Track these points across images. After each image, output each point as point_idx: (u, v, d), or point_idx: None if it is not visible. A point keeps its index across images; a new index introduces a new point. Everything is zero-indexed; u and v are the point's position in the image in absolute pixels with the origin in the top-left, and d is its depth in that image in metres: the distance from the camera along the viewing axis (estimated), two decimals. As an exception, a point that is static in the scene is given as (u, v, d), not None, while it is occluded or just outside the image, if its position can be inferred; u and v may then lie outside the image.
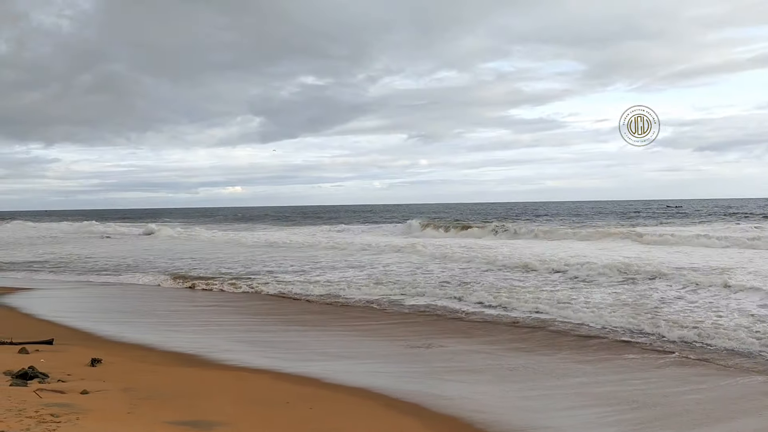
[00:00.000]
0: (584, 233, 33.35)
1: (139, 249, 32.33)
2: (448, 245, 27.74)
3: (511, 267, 18.12)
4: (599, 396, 7.13)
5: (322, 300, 14.56)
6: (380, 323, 11.88)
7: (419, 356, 9.24)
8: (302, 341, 10.42)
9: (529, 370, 8.29)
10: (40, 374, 7.17)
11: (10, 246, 36.64)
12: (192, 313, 13.43)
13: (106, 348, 9.33)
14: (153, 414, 6.07)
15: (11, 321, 11.84)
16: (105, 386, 6.96)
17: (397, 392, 7.35)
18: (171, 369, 8.22)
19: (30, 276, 20.75)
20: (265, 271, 20.30)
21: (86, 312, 13.24)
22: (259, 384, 7.60)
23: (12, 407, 5.79)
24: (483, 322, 11.64)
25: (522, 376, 8.03)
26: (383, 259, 23.04)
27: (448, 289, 14.98)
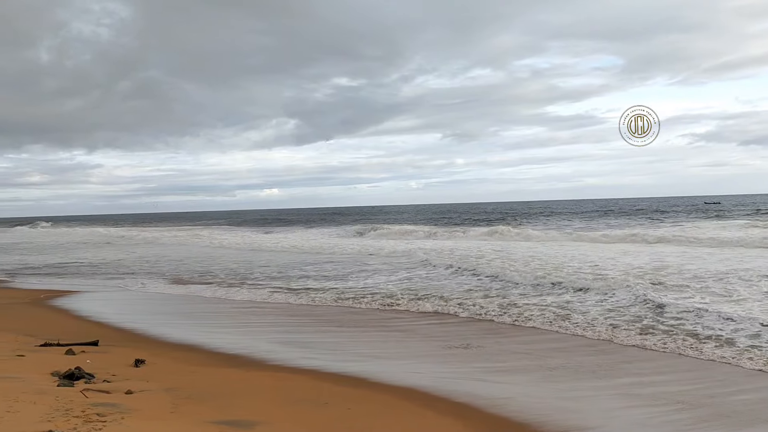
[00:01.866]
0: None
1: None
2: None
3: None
4: (644, 397, 6.97)
5: (356, 303, 14.58)
6: (414, 324, 11.85)
7: (457, 356, 9.18)
8: (339, 342, 10.45)
9: (570, 371, 8.15)
10: (86, 375, 7.34)
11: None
12: (231, 314, 13.60)
13: (149, 349, 9.51)
14: (195, 413, 6.15)
15: (59, 323, 12.16)
16: (148, 386, 7.09)
17: (436, 392, 7.31)
18: (212, 369, 8.33)
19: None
20: (301, 275, 20.45)
21: (130, 314, 13.51)
22: (297, 384, 7.64)
23: (60, 407, 5.94)
24: (512, 325, 11.47)
25: (563, 377, 7.90)
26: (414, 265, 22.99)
27: (474, 294, 14.84)
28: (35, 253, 36.99)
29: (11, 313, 13.38)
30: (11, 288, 18.93)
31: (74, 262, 28.62)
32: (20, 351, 8.93)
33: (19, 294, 17.20)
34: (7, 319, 12.31)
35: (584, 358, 8.75)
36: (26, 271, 24.95)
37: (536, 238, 33.12)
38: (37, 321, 12.33)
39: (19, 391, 6.45)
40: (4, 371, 7.43)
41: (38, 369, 7.71)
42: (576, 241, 29.96)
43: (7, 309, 13.98)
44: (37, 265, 27.74)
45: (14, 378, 7.12)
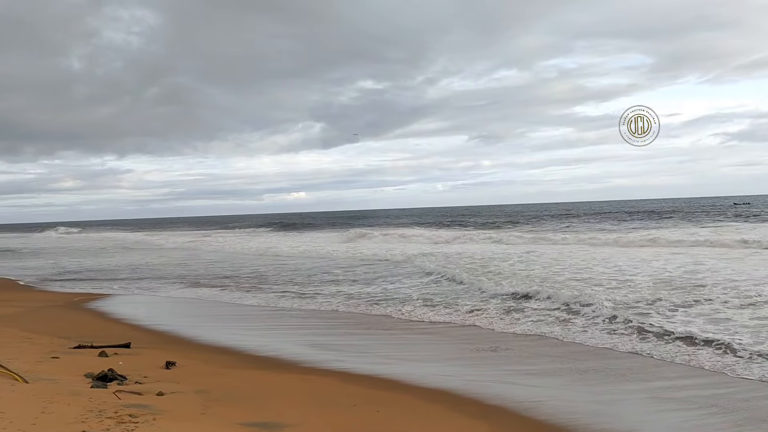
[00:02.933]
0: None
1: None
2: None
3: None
4: (678, 400, 6.84)
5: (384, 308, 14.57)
6: (442, 327, 11.80)
7: (486, 359, 9.11)
8: (367, 344, 10.46)
9: (601, 374, 8.04)
10: (119, 376, 7.46)
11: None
12: (259, 317, 13.71)
13: (179, 351, 9.63)
14: (225, 415, 6.21)
15: (92, 325, 12.39)
16: (179, 388, 7.17)
17: (466, 395, 7.27)
18: (241, 372, 8.41)
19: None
20: (329, 280, 20.52)
21: (160, 317, 13.70)
22: (326, 386, 7.67)
23: (93, 408, 6.04)
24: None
25: (595, 380, 7.80)
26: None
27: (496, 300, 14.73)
28: (68, 256, 37.76)
29: (47, 315, 13.67)
30: (46, 291, 19.35)
31: (105, 267, 29.12)
32: (55, 353, 9.12)
33: (53, 297, 17.57)
34: (43, 322, 12.58)
35: (614, 362, 8.61)
36: (62, 275, 25.46)
37: (562, 242, 32.63)
38: (72, 323, 12.58)
39: (54, 392, 6.58)
40: (40, 373, 7.59)
41: (72, 370, 7.86)
42: (595, 246, 29.04)
43: (42, 312, 14.28)
44: (73, 268, 28.30)
45: (49, 380, 7.27)
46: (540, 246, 29.29)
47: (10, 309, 14.35)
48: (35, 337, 10.63)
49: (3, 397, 6.21)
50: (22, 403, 6.06)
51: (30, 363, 8.18)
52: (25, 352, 9.12)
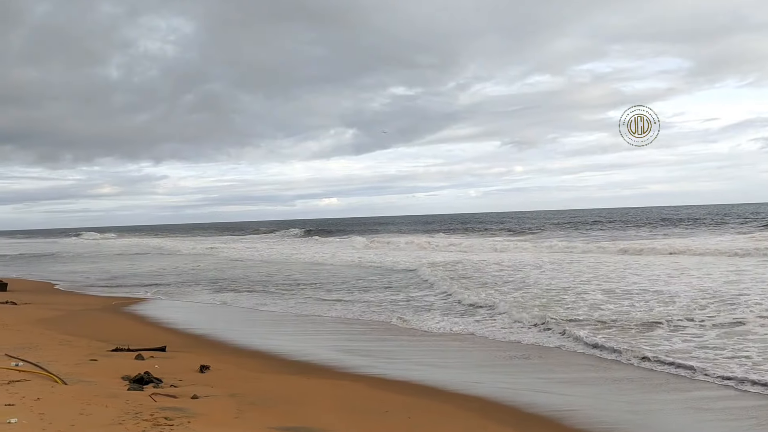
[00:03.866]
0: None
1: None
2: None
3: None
4: (716, 411, 6.69)
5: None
6: (468, 335, 11.71)
7: (518, 367, 9.03)
8: (399, 350, 10.46)
9: (635, 383, 7.89)
10: (155, 379, 7.59)
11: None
12: (292, 322, 13.81)
13: (213, 355, 9.75)
14: (258, 419, 6.27)
15: (129, 328, 12.63)
16: (213, 392, 7.27)
17: (498, 403, 7.21)
18: (274, 376, 8.48)
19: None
20: (361, 287, 20.57)
21: (194, 321, 13.90)
22: (358, 392, 7.69)
23: (130, 410, 6.16)
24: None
25: (629, 389, 7.66)
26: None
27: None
28: (104, 261, 38.57)
29: (85, 319, 13.97)
30: (85, 294, 19.79)
31: (141, 271, 29.68)
32: (93, 355, 9.32)
33: (92, 300, 17.97)
34: (82, 325, 12.87)
35: (648, 372, 8.44)
36: (101, 279, 26.02)
37: (597, 250, 31.94)
38: (109, 326, 12.84)
39: (92, 394, 6.73)
40: (79, 375, 7.77)
41: (110, 373, 8.03)
42: (629, 254, 27.88)
43: (81, 315, 14.61)
44: (112, 273, 28.91)
45: (88, 382, 7.44)
46: (571, 255, 28.54)
47: (50, 312, 14.71)
48: (74, 339, 10.88)
49: (43, 399, 6.38)
50: (61, 405, 6.21)
51: (69, 365, 8.38)
52: (65, 354, 9.35)
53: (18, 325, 12.44)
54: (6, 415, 5.64)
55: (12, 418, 5.53)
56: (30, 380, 7.29)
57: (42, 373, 7.72)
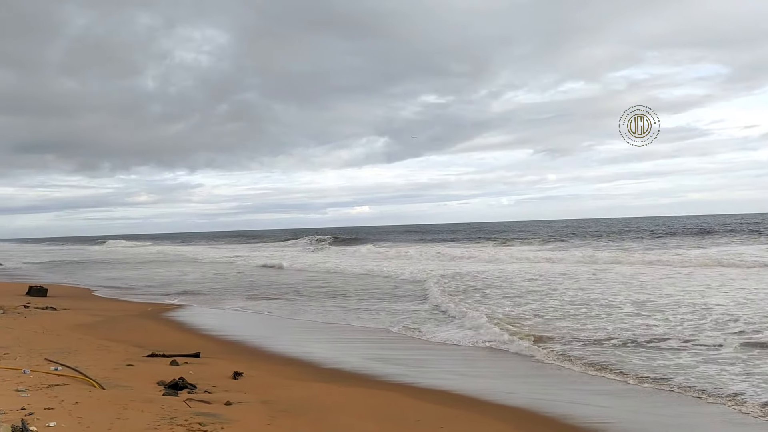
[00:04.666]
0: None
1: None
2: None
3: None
4: (754, 425, 6.49)
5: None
6: (502, 343, 11.58)
7: (552, 377, 8.90)
8: (433, 360, 10.41)
9: (673, 395, 7.71)
10: (189, 385, 7.67)
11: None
12: (324, 330, 13.85)
13: (246, 362, 9.82)
14: (291, 426, 6.28)
15: (164, 334, 12.80)
16: (246, 398, 7.32)
17: (533, 413, 7.11)
18: (306, 384, 8.50)
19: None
20: (392, 296, 20.52)
21: (227, 328, 14.03)
22: (390, 400, 7.65)
23: (165, 415, 6.24)
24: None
25: (666, 401, 7.49)
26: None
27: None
28: (140, 268, 39.28)
29: (122, 325, 14.22)
30: (122, 301, 20.16)
31: (175, 279, 30.16)
32: (130, 360, 9.48)
33: (129, 307, 18.29)
34: (119, 331, 13.10)
35: (685, 386, 8.23)
36: (139, 286, 26.51)
37: (639, 262, 31.29)
38: (145, 332, 13.04)
39: (129, 399, 6.84)
40: (116, 379, 7.91)
41: (146, 378, 8.15)
42: (666, 265, 26.44)
43: (118, 321, 14.88)
44: (149, 280, 29.44)
45: (124, 386, 7.56)
46: (604, 266, 27.77)
47: (88, 318, 15.01)
48: (112, 345, 11.08)
49: (81, 403, 6.50)
50: (99, 409, 6.32)
51: (107, 370, 8.54)
52: (102, 359, 9.52)
53: (57, 329, 12.72)
54: (45, 418, 5.76)
55: (51, 422, 5.65)
56: (69, 384, 7.45)
57: (80, 377, 7.88)
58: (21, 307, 16.28)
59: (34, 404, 6.25)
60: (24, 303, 17.16)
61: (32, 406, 6.17)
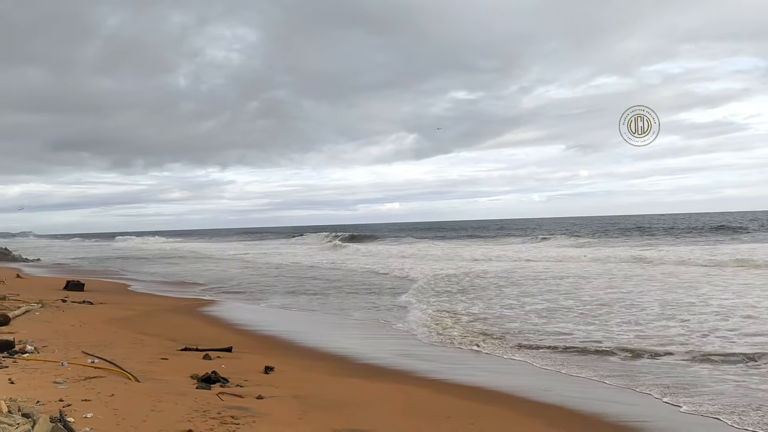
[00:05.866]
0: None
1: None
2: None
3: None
4: None
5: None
6: (535, 341, 11.46)
7: (589, 374, 8.77)
8: (460, 356, 10.35)
9: (713, 393, 7.55)
10: (221, 379, 7.76)
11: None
12: (353, 326, 13.88)
13: (277, 357, 9.89)
14: (322, 421, 6.30)
15: (196, 329, 12.96)
16: (277, 392, 7.37)
17: (567, 411, 7.03)
18: (337, 379, 8.53)
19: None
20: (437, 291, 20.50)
21: (259, 323, 14.15)
22: (420, 396, 7.63)
23: (198, 408, 6.32)
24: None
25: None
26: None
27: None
28: (174, 264, 39.90)
29: (156, 319, 14.45)
30: (156, 295, 20.49)
31: (207, 274, 30.56)
32: (164, 354, 9.63)
33: (162, 301, 18.59)
34: (153, 325, 13.31)
35: (724, 386, 8.05)
36: (168, 282, 26.94)
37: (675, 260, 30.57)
38: (178, 327, 13.22)
39: (163, 392, 6.94)
40: (151, 373, 8.04)
41: (179, 371, 8.26)
42: (699, 266, 24.76)
43: (152, 315, 15.13)
44: (180, 276, 29.90)
45: (159, 379, 7.68)
46: (632, 264, 26.91)
47: (124, 312, 15.29)
48: (146, 338, 11.27)
49: (117, 395, 6.62)
50: (134, 401, 6.43)
51: (142, 363, 8.68)
52: (138, 352, 9.69)
53: (94, 323, 12.98)
54: (83, 410, 5.88)
55: (88, 413, 5.76)
56: (105, 377, 7.59)
57: (116, 370, 8.03)
58: (59, 301, 16.67)
59: (72, 396, 6.39)
60: (62, 297, 17.56)
61: (70, 397, 6.30)
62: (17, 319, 12.57)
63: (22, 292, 18.57)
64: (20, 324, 12.06)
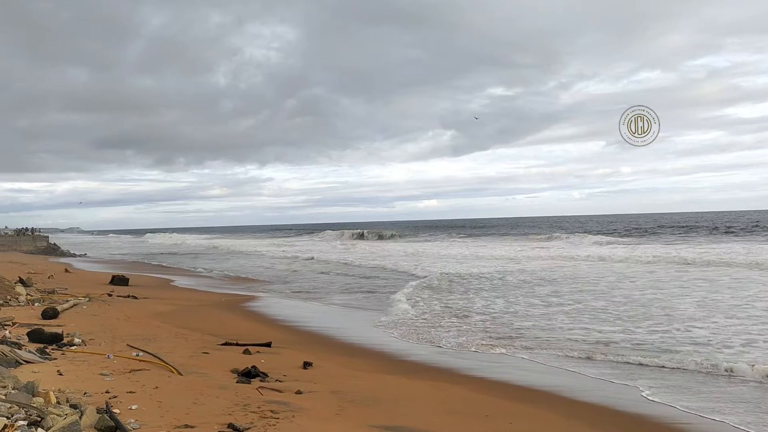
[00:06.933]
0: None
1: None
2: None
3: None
4: None
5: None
6: (570, 340, 11.31)
7: (623, 377, 8.62)
8: (497, 356, 10.28)
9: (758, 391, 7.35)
10: (261, 373, 7.87)
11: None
12: (387, 324, 13.88)
13: (315, 352, 9.98)
14: (359, 417, 6.35)
15: (237, 324, 13.16)
16: (316, 388, 7.44)
17: (609, 410, 6.93)
18: (375, 375, 8.57)
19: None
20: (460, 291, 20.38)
21: (298, 319, 14.31)
22: (456, 394, 7.62)
23: (239, 402, 6.43)
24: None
25: (747, 401, 7.14)
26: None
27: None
28: (219, 260, 40.59)
29: (199, 314, 14.72)
30: (198, 291, 20.89)
31: (248, 270, 31.01)
32: (206, 348, 9.82)
33: (204, 297, 18.94)
34: (196, 320, 13.58)
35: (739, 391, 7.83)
36: (211, 277, 27.42)
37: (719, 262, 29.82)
38: (219, 322, 13.46)
39: (205, 385, 7.08)
40: (193, 366, 8.21)
41: (220, 366, 8.42)
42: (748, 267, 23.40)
43: (195, 311, 15.42)
44: (223, 271, 30.41)
45: (200, 373, 7.84)
46: (672, 266, 26.10)
47: (167, 307, 15.63)
48: (188, 333, 11.50)
49: (161, 388, 6.78)
50: (177, 394, 6.58)
51: (184, 357, 8.87)
52: (180, 346, 9.90)
53: (138, 317, 13.31)
54: (128, 401, 6.04)
55: (133, 405, 5.92)
56: (149, 370, 7.79)
57: (160, 363, 8.22)
58: (105, 295, 17.15)
59: (118, 388, 6.57)
60: (108, 291, 18.06)
61: (115, 389, 6.49)
62: (65, 313, 12.98)
63: (70, 287, 19.18)
64: (68, 317, 12.46)
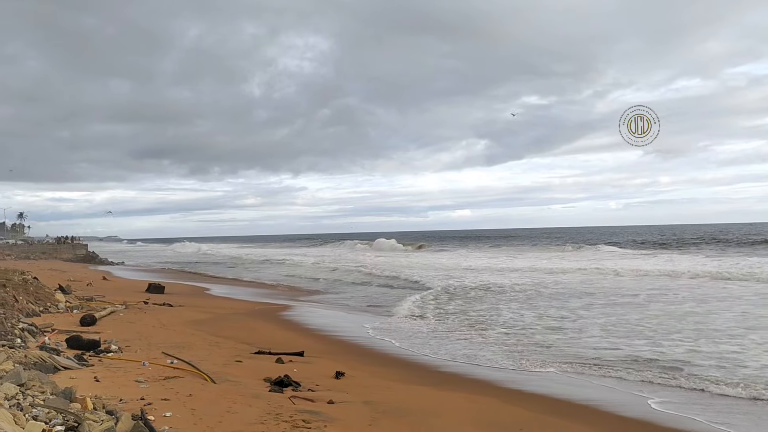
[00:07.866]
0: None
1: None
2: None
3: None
4: None
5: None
6: (602, 348, 11.06)
7: (658, 391, 8.40)
8: (531, 366, 10.10)
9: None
10: (294, 383, 7.88)
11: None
12: (419, 335, 13.79)
13: (347, 362, 9.96)
14: (392, 428, 6.30)
15: (269, 332, 13.23)
16: (348, 398, 7.41)
17: (648, 425, 6.74)
18: (407, 386, 8.50)
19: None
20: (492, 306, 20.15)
21: (329, 328, 14.31)
22: (489, 406, 7.51)
23: (271, 411, 6.44)
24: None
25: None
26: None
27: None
28: (253, 270, 40.99)
29: (232, 323, 14.85)
30: (232, 299, 21.09)
31: (280, 278, 31.23)
32: (239, 357, 9.87)
33: (237, 305, 19.10)
34: (229, 328, 13.69)
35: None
36: (245, 286, 27.68)
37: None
38: (252, 330, 13.54)
39: (238, 394, 7.11)
40: (227, 374, 8.26)
41: (253, 374, 8.45)
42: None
43: (228, 319, 15.56)
44: (257, 280, 30.68)
45: (234, 381, 7.88)
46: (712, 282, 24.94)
47: (201, 315, 15.80)
48: (222, 341, 11.59)
49: (195, 396, 6.83)
50: (210, 402, 6.62)
51: (218, 365, 8.93)
52: (214, 354, 9.98)
53: (173, 325, 13.48)
54: (162, 408, 6.10)
55: (167, 412, 5.97)
56: (183, 377, 7.86)
57: (194, 371, 8.29)
58: (141, 303, 17.44)
59: (152, 395, 6.64)
60: (144, 299, 18.35)
61: (150, 396, 6.56)
62: (103, 320, 13.22)
63: (107, 294, 19.55)
64: (105, 324, 12.68)
